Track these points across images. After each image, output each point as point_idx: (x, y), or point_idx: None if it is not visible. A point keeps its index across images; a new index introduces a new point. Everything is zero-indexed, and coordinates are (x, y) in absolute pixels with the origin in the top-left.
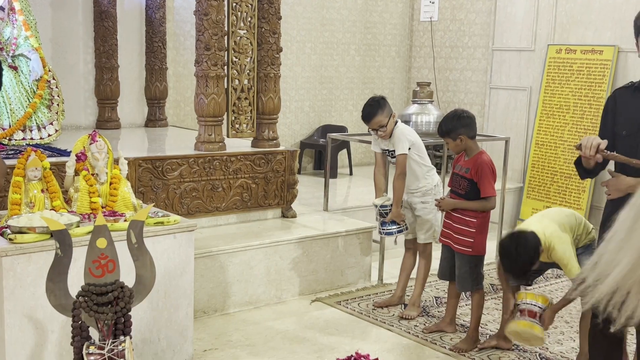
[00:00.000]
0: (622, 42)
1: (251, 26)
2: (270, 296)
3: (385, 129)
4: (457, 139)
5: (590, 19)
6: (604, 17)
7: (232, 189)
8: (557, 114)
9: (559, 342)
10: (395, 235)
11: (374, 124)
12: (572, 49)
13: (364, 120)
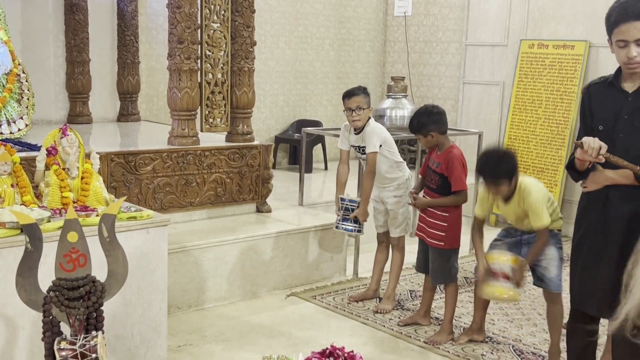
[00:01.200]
0: (594, 37)
1: (225, 19)
2: (245, 291)
3: (361, 114)
4: (428, 135)
5: (562, 14)
6: (575, 12)
7: (206, 184)
8: (529, 108)
9: (532, 334)
10: (351, 234)
11: (354, 102)
12: (545, 44)
13: (346, 96)
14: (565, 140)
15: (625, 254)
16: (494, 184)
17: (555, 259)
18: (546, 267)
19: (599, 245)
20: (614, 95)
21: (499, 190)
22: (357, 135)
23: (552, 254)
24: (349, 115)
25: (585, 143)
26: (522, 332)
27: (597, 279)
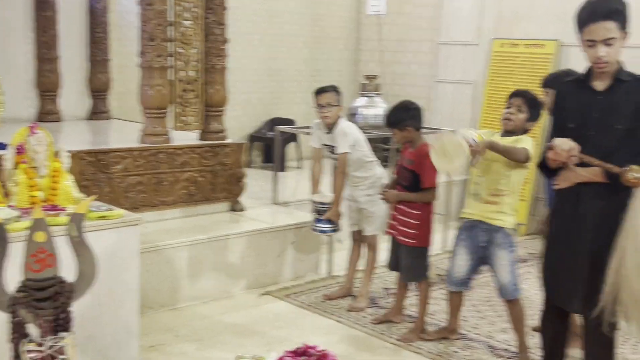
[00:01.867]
0: (564, 36)
1: (197, 17)
2: (219, 290)
3: (331, 112)
4: (404, 130)
5: (533, 13)
6: (546, 11)
7: (179, 183)
8: (501, 107)
9: (504, 331)
10: (329, 234)
11: (324, 98)
12: (516, 43)
13: (317, 92)
14: (537, 138)
15: (597, 250)
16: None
17: (507, 262)
18: (498, 273)
19: (572, 242)
20: (584, 94)
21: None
22: (328, 135)
23: (504, 257)
24: (318, 111)
25: (557, 145)
26: (494, 328)
27: (570, 275)
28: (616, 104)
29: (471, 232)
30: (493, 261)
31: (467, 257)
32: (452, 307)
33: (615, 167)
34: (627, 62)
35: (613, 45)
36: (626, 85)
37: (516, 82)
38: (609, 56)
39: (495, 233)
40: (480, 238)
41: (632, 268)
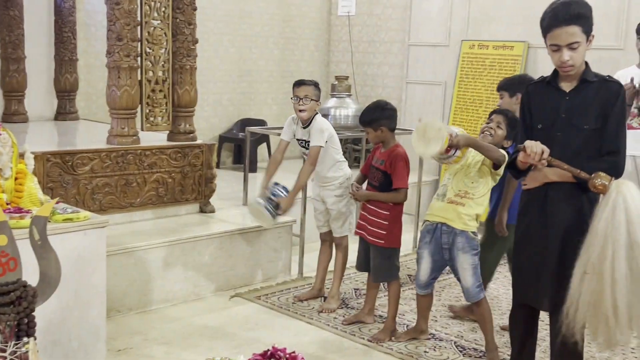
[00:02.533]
0: (532, 38)
1: (165, 17)
2: (188, 293)
3: (308, 104)
4: (378, 130)
5: (502, 15)
6: (514, 13)
7: (147, 184)
8: (470, 108)
9: (473, 330)
10: (266, 213)
11: (303, 90)
12: (485, 45)
13: (297, 84)
14: None
15: (566, 249)
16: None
17: (470, 266)
18: (462, 276)
19: (540, 241)
20: (552, 95)
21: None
22: (304, 129)
23: (467, 261)
24: (295, 103)
25: (528, 147)
26: (463, 328)
27: (539, 274)
28: (583, 105)
29: (434, 234)
30: (456, 265)
31: (431, 259)
32: (421, 309)
33: (583, 172)
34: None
35: (577, 49)
36: (592, 86)
37: (485, 83)
38: (573, 60)
39: (457, 236)
40: (443, 240)
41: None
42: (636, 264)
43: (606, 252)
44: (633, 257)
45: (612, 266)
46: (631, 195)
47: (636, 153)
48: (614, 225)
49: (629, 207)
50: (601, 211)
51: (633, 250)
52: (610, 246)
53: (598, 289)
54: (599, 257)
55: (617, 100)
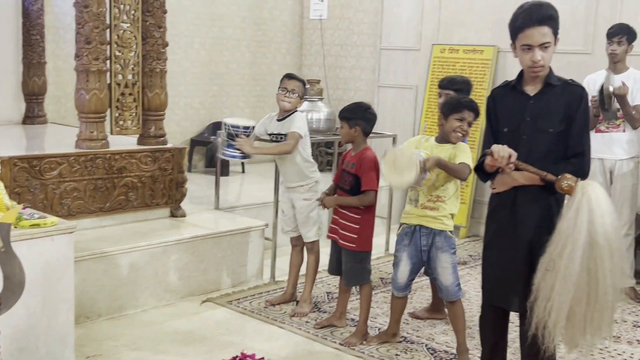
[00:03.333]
0: (501, 42)
1: (135, 19)
2: (159, 298)
3: (293, 98)
4: (353, 128)
5: (472, 19)
6: (484, 18)
7: (117, 189)
8: None
9: (445, 333)
10: (236, 160)
11: (292, 84)
12: (455, 49)
13: (287, 77)
14: (476, 142)
15: (534, 250)
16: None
17: (449, 265)
18: (441, 275)
19: (509, 243)
20: (517, 99)
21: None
22: (279, 122)
23: (446, 259)
24: (281, 94)
25: (495, 152)
26: (435, 330)
27: (509, 275)
28: (547, 108)
29: (412, 237)
30: (435, 264)
31: (409, 262)
32: (395, 311)
33: (550, 175)
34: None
35: (548, 50)
36: (556, 89)
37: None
38: (544, 60)
39: (436, 236)
40: (422, 242)
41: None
42: (594, 264)
43: (565, 250)
44: (592, 257)
45: (567, 264)
46: (596, 196)
47: (604, 156)
48: (576, 225)
49: (592, 208)
50: (566, 211)
51: (592, 249)
52: (570, 245)
53: (552, 285)
54: (558, 255)
55: (581, 103)
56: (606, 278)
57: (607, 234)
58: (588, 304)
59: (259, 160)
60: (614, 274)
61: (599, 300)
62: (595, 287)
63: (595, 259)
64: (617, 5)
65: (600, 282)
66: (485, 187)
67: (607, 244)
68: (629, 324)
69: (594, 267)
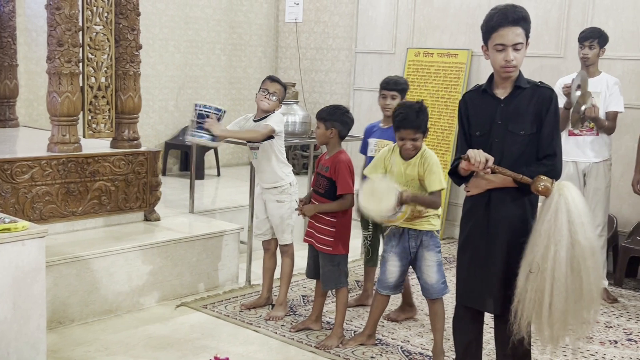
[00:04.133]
0: (475, 46)
1: (108, 22)
2: (133, 303)
3: (273, 101)
4: (330, 129)
5: (446, 23)
6: (458, 22)
7: (90, 192)
8: None
9: (420, 335)
10: (205, 141)
11: (274, 86)
12: (430, 52)
13: (270, 79)
14: (450, 145)
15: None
16: (413, 136)
17: (435, 263)
18: (427, 274)
19: (484, 245)
20: (487, 102)
21: (415, 144)
22: (255, 123)
23: (431, 257)
24: (261, 94)
25: (472, 157)
26: (410, 333)
27: (483, 276)
28: (517, 111)
29: (400, 238)
30: (421, 263)
31: (398, 262)
32: (376, 311)
33: (525, 177)
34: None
35: (520, 51)
36: (526, 92)
37: (431, 90)
38: (517, 61)
39: (424, 236)
40: (411, 244)
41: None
42: (577, 263)
43: (549, 252)
44: (574, 256)
45: (554, 265)
46: (572, 197)
47: (578, 159)
48: (556, 227)
49: (570, 208)
50: (544, 213)
51: (574, 249)
52: (553, 246)
53: (540, 287)
54: (542, 257)
55: (551, 105)
56: (589, 277)
57: (587, 234)
58: (574, 303)
59: (237, 163)
60: (596, 272)
61: (583, 298)
62: (579, 285)
63: (579, 258)
64: (588, 9)
65: (584, 280)
66: (459, 190)
67: (588, 243)
68: (601, 325)
69: (577, 267)
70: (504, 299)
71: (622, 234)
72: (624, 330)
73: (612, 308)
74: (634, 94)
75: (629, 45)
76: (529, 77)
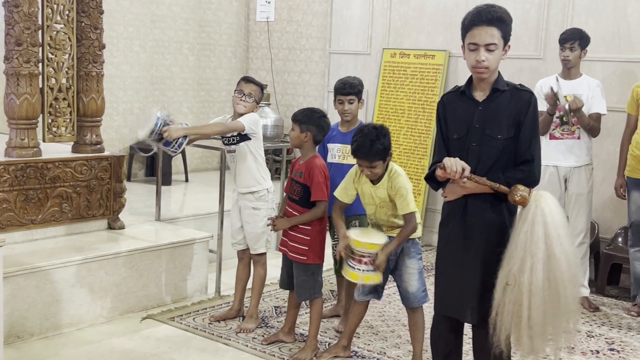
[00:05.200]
0: (453, 47)
1: (69, 20)
2: (96, 315)
3: (249, 102)
4: (304, 133)
5: (423, 23)
6: (435, 22)
7: (50, 199)
8: (392, 117)
9: (396, 346)
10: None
11: (249, 88)
12: (406, 53)
13: (245, 79)
14: (428, 149)
15: (486, 259)
16: (369, 165)
17: (416, 271)
18: (407, 282)
19: (461, 252)
20: (466, 104)
21: (373, 171)
22: None
23: (413, 265)
24: (237, 97)
25: (448, 166)
26: (386, 344)
27: (461, 285)
28: (495, 114)
29: None
30: (402, 270)
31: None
32: (353, 319)
33: (502, 186)
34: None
35: (494, 52)
36: (505, 95)
37: (407, 92)
38: (489, 62)
39: (405, 243)
40: None
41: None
42: (554, 276)
43: (525, 265)
44: (550, 269)
45: (530, 279)
46: (549, 208)
47: (559, 163)
48: (532, 239)
49: (547, 221)
50: (521, 224)
51: (550, 262)
52: (529, 259)
53: (518, 299)
54: (519, 269)
55: (530, 109)
56: (566, 290)
57: (564, 246)
58: (552, 316)
59: (205, 168)
60: (573, 285)
61: (560, 310)
62: (557, 298)
63: (555, 271)
64: (568, 9)
65: (560, 293)
66: (437, 196)
67: (565, 256)
68: (582, 334)
69: (554, 280)
70: (483, 309)
71: (604, 241)
72: (605, 340)
73: (593, 317)
74: (615, 97)
75: (610, 47)
76: (508, 79)
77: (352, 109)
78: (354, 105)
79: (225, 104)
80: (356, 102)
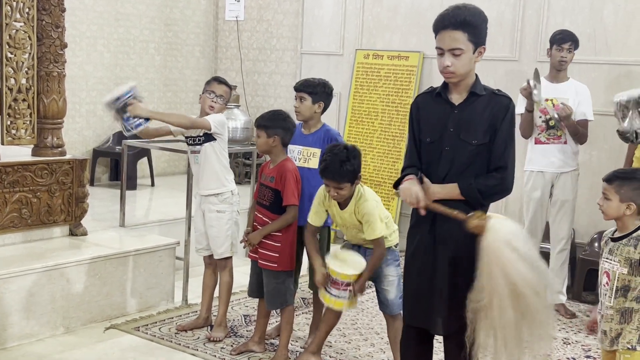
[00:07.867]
0: (427, 48)
1: (30, 18)
2: (56, 326)
3: (219, 105)
4: (271, 137)
5: (397, 24)
6: (409, 23)
7: (9, 205)
8: (366, 120)
9: (370, 355)
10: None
11: (221, 89)
12: (380, 55)
13: (216, 80)
14: (401, 152)
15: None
16: (337, 186)
17: (395, 278)
18: (387, 289)
19: (430, 261)
20: (441, 107)
21: (340, 192)
22: None
23: (391, 273)
24: (208, 97)
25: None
26: (359, 353)
27: (430, 295)
28: (471, 119)
29: (359, 251)
30: (381, 279)
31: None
32: (324, 326)
33: (460, 213)
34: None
35: (460, 57)
36: (482, 99)
37: (381, 94)
38: (455, 67)
39: None
40: (368, 259)
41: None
42: (525, 306)
43: (492, 301)
44: (520, 303)
45: (500, 314)
46: (506, 239)
47: (545, 168)
48: (492, 280)
49: (503, 255)
50: (481, 258)
51: (519, 298)
52: (496, 298)
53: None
54: (488, 304)
55: (507, 115)
56: (539, 313)
57: (527, 280)
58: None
59: (175, 172)
60: (544, 307)
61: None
62: (530, 321)
63: (524, 305)
64: (543, 10)
65: (535, 318)
66: None
67: (531, 290)
68: (559, 341)
69: (525, 309)
70: (453, 319)
71: (580, 246)
72: (582, 347)
73: (570, 324)
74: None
75: (585, 49)
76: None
77: (301, 108)
78: (305, 104)
79: (192, 106)
80: (309, 101)
